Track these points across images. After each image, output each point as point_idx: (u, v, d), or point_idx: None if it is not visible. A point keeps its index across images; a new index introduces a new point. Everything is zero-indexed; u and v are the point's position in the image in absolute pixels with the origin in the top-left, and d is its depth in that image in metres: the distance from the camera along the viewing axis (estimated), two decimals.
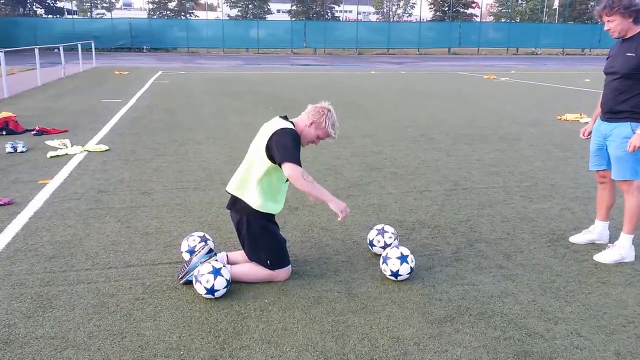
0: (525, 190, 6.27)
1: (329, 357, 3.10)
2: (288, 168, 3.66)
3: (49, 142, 8.14)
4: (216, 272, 3.68)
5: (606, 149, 4.43)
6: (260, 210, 3.87)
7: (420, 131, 10.01)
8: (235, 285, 3.87)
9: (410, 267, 3.96)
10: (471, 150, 8.40)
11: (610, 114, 4.34)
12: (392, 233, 4.37)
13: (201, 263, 3.88)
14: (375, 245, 4.38)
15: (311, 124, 3.94)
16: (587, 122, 4.86)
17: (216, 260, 3.94)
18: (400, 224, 5.12)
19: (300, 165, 3.71)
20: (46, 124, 9.79)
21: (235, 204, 3.94)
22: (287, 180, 3.88)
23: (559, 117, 11.70)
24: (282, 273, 3.98)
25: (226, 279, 3.70)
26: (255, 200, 3.86)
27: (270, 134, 3.80)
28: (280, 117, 4.00)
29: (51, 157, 7.47)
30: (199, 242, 4.18)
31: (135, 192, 6.00)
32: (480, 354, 3.13)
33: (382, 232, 4.38)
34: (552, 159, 7.95)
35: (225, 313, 3.55)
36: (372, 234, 4.43)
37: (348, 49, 46.90)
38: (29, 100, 13.53)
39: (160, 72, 22.95)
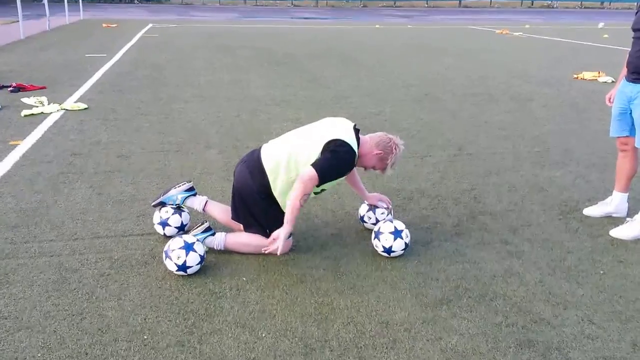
0: (536, 156, 5.84)
1: (309, 344, 2.75)
2: (309, 174, 3.33)
3: (24, 100, 7.69)
4: (188, 247, 3.31)
5: (630, 113, 4.00)
6: (278, 203, 3.54)
7: (425, 90, 9.51)
8: (210, 260, 3.51)
9: (405, 243, 3.58)
10: (479, 112, 7.92)
11: (637, 74, 3.92)
12: (385, 209, 3.97)
13: (178, 199, 3.82)
14: (366, 222, 4.00)
15: (378, 154, 3.58)
16: (606, 81, 4.40)
17: (188, 234, 3.58)
18: (397, 193, 4.72)
19: (322, 183, 3.41)
20: (25, 79, 9.28)
21: (257, 176, 3.53)
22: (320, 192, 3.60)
23: (575, 76, 11.05)
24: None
25: (199, 255, 3.34)
26: (280, 193, 3.51)
27: (332, 139, 3.41)
28: (355, 127, 3.59)
29: (25, 115, 7.03)
30: (172, 214, 3.81)
31: (111, 155, 5.59)
32: (477, 343, 2.77)
33: (373, 208, 3.97)
34: (567, 121, 7.48)
35: (198, 292, 3.19)
36: (362, 209, 4.03)
37: (352, 1, 45.58)
38: (8, 54, 12.99)
39: (150, 25, 22.24)
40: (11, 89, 8.45)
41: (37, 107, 7.37)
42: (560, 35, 20.84)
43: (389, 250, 3.55)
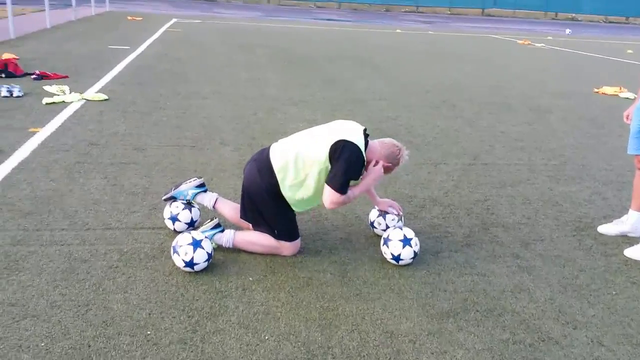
0: (552, 170, 5.77)
1: (312, 350, 2.73)
2: (330, 196, 3.40)
3: (46, 88, 7.73)
4: (196, 243, 3.31)
5: None
6: (288, 201, 3.54)
7: (443, 97, 9.44)
8: (218, 258, 3.50)
9: (414, 252, 3.54)
10: (496, 121, 7.85)
11: None
12: (395, 215, 3.93)
13: (189, 194, 3.84)
14: (376, 227, 3.96)
15: (386, 166, 3.63)
16: (628, 97, 4.31)
17: (198, 231, 3.57)
18: (409, 200, 4.69)
19: (345, 193, 3.43)
20: (48, 68, 9.33)
21: (265, 175, 3.52)
22: None
23: (595, 90, 10.90)
24: (288, 246, 3.60)
25: (207, 252, 3.33)
26: (289, 191, 3.51)
27: (340, 139, 3.40)
28: (364, 131, 3.58)
29: (47, 103, 7.08)
30: (182, 210, 3.81)
31: (128, 147, 5.60)
32: (483, 359, 2.74)
33: (383, 214, 3.94)
34: (585, 135, 7.38)
35: (204, 290, 3.19)
36: (373, 215, 4.00)
37: (375, 4, 45.31)
38: (34, 42, 13.09)
39: (174, 20, 22.32)
40: (34, 76, 8.51)
41: (58, 95, 7.40)
42: (583, 49, 20.59)
43: (397, 258, 3.52)
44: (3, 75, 8.42)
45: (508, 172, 5.62)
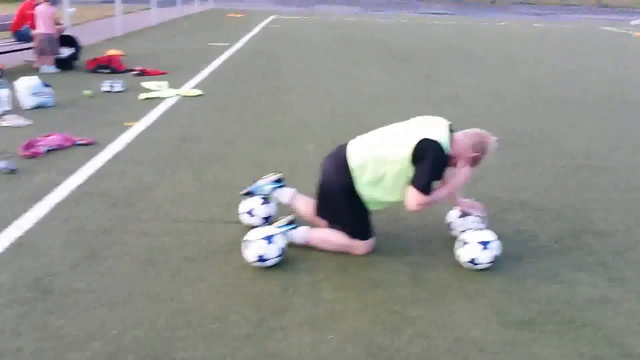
0: None
1: (374, 353, 2.66)
2: (414, 197, 3.34)
3: (144, 84, 8.11)
4: (269, 238, 3.32)
5: None
6: (362, 201, 3.49)
7: (550, 92, 8.98)
8: (290, 254, 3.49)
9: (494, 256, 3.37)
10: (611, 120, 7.34)
11: None
12: (477, 216, 3.75)
13: (266, 190, 3.86)
14: (454, 229, 3.80)
15: (474, 157, 3.48)
16: None
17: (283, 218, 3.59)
18: (494, 202, 4.46)
19: (430, 193, 3.35)
20: (149, 65, 9.76)
21: (342, 172, 3.48)
22: None
23: None
24: (361, 245, 3.54)
25: (280, 247, 3.34)
26: (365, 189, 3.47)
27: (423, 138, 3.32)
28: (449, 124, 3.51)
29: (143, 99, 7.41)
30: (259, 205, 3.84)
31: (218, 142, 5.74)
32: None
33: (464, 215, 3.76)
34: None
35: (273, 285, 3.20)
36: (452, 215, 3.83)
37: None
38: (139, 39, 13.75)
39: (273, 16, 22.67)
40: (135, 72, 8.96)
41: (155, 91, 7.74)
42: None
43: (473, 261, 3.36)
44: (108, 71, 8.92)
45: (617, 176, 5.22)
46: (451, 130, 3.45)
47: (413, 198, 3.32)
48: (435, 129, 3.39)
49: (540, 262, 3.57)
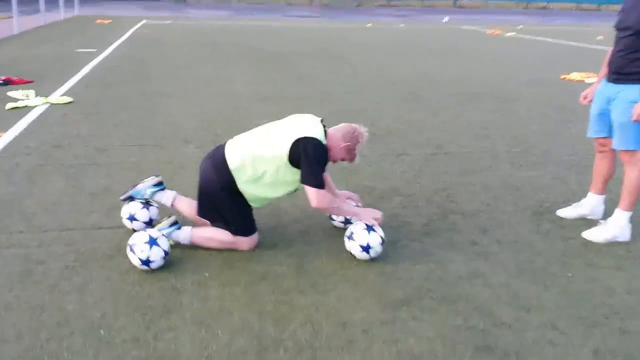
0: (515, 156, 5.82)
1: (264, 344, 2.74)
2: (314, 195, 3.44)
3: (11, 93, 7.67)
4: (152, 241, 3.30)
5: (609, 114, 3.95)
6: (244, 196, 3.55)
7: (409, 88, 9.49)
8: (175, 255, 3.49)
9: (381, 237, 3.51)
10: (462, 110, 7.91)
11: (618, 74, 3.86)
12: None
13: (147, 193, 3.83)
14: (334, 220, 3.97)
15: (345, 146, 3.59)
16: (593, 82, 4.33)
17: (155, 228, 3.57)
18: (369, 191, 4.71)
19: (323, 187, 3.49)
20: (14, 73, 9.25)
21: (221, 172, 3.52)
22: (295, 190, 3.64)
23: (562, 77, 11.07)
24: (245, 241, 3.61)
25: (163, 250, 3.33)
26: (245, 186, 3.52)
27: (299, 137, 3.41)
28: (320, 120, 3.63)
29: (10, 108, 7.02)
30: (140, 209, 3.80)
31: (90, 148, 5.57)
32: (434, 346, 2.76)
33: None
34: (550, 122, 7.46)
35: (159, 287, 3.18)
36: None
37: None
38: (1, 48, 12.94)
39: (143, 21, 22.14)
40: (0, 82, 8.43)
41: (22, 100, 7.35)
42: (554, 37, 20.78)
43: (366, 248, 3.48)
44: None
45: (470, 160, 5.67)
46: (324, 126, 3.60)
47: (312, 196, 3.44)
48: (310, 125, 3.53)
49: (414, 244, 3.82)
